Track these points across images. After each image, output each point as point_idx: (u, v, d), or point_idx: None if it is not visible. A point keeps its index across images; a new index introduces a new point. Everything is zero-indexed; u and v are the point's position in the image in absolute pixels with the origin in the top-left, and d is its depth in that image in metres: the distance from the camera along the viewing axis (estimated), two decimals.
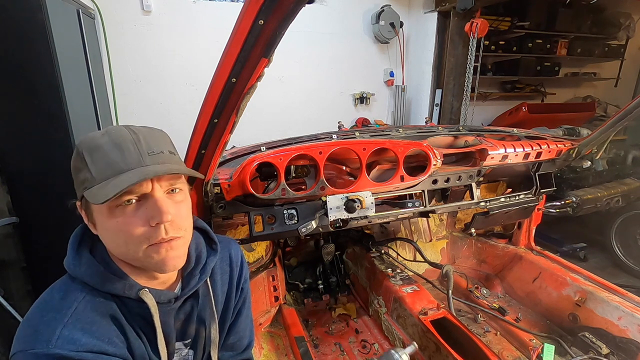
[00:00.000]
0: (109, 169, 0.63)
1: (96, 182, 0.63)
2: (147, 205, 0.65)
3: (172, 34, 3.37)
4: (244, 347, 1.01)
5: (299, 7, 0.64)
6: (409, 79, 4.29)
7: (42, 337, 0.60)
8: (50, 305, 0.65)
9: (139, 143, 0.66)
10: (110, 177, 0.62)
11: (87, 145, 0.65)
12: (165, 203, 0.66)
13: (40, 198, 2.11)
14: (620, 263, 3.12)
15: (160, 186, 0.67)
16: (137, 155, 0.65)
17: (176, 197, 0.70)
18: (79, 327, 0.63)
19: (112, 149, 0.64)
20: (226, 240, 0.96)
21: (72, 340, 0.61)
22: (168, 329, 0.77)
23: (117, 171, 0.63)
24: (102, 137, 0.65)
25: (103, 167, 0.63)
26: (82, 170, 0.64)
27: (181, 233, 0.70)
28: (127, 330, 0.69)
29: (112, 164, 0.63)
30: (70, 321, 0.62)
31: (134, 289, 0.70)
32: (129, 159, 0.64)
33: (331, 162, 1.54)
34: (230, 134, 0.93)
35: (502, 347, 1.78)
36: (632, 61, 4.95)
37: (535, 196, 1.96)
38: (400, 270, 2.01)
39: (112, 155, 0.63)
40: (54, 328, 0.61)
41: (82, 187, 0.65)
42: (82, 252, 0.70)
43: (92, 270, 0.68)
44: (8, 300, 1.92)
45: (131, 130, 0.68)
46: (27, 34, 1.93)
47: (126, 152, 0.64)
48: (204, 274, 0.83)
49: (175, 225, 0.68)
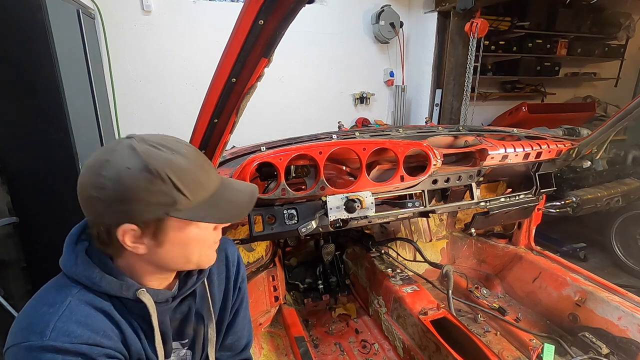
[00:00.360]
0: (203, 190, 0.68)
1: (192, 203, 0.65)
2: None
3: (172, 34, 3.37)
4: (242, 347, 1.01)
5: (299, 7, 0.64)
6: (409, 79, 4.29)
7: (36, 330, 0.60)
8: (45, 299, 0.65)
9: (209, 162, 0.73)
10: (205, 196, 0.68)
11: (171, 167, 0.63)
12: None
13: (40, 198, 2.11)
14: (620, 263, 3.12)
15: None
16: (214, 173, 0.72)
17: None
18: (73, 319, 0.62)
19: (198, 171, 0.67)
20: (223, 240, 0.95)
21: (67, 332, 0.60)
22: (165, 328, 0.77)
23: (209, 191, 0.69)
24: (180, 158, 0.65)
25: (196, 188, 0.66)
26: (166, 193, 0.63)
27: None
28: (122, 326, 0.69)
29: (205, 185, 0.68)
30: (65, 314, 0.62)
31: (132, 289, 0.69)
32: (212, 176, 0.71)
33: (331, 162, 1.54)
34: (230, 134, 0.93)
35: (502, 347, 1.78)
36: (632, 61, 4.95)
37: (535, 196, 1.96)
38: (400, 270, 2.01)
39: (200, 177, 0.68)
40: (48, 321, 0.61)
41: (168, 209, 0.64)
42: (79, 253, 0.69)
43: (89, 271, 0.67)
44: (8, 300, 1.92)
45: (192, 147, 0.71)
46: (27, 34, 1.93)
47: (208, 171, 0.70)
48: (202, 273, 0.83)
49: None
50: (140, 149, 0.62)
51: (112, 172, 0.61)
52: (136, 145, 0.63)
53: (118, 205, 0.62)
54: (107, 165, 0.62)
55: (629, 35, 4.61)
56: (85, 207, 0.66)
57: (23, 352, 0.59)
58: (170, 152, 0.64)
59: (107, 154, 0.63)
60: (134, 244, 0.66)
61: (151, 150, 0.63)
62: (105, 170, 0.61)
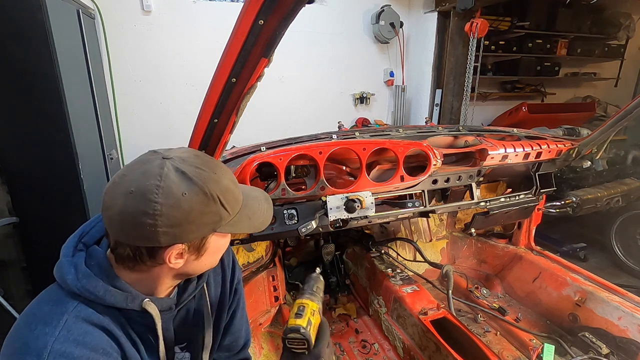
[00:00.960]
0: (237, 204, 0.72)
1: (231, 217, 0.69)
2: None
3: (172, 34, 3.37)
4: (241, 346, 1.01)
5: (299, 7, 0.64)
6: (409, 79, 4.29)
7: (32, 352, 0.57)
8: (39, 317, 0.62)
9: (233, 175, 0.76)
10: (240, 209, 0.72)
11: (219, 189, 0.67)
12: None
13: (40, 198, 2.11)
14: (620, 263, 3.12)
15: None
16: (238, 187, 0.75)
17: None
18: (71, 339, 0.60)
19: (234, 186, 0.72)
20: None
21: (65, 354, 0.58)
22: (169, 335, 0.77)
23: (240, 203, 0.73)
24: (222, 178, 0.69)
25: (234, 203, 0.70)
26: (214, 213, 0.66)
27: None
28: (121, 340, 0.68)
29: (238, 199, 0.72)
30: (62, 334, 0.60)
31: (137, 300, 0.68)
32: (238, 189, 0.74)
33: (331, 162, 1.54)
34: (230, 134, 0.93)
35: (502, 347, 1.78)
36: (632, 61, 4.95)
37: (535, 196, 1.96)
38: (400, 270, 2.01)
39: (235, 192, 0.72)
40: (45, 343, 0.58)
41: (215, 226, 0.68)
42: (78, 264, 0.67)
43: (92, 284, 0.65)
44: (8, 300, 1.92)
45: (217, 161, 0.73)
46: (27, 34, 1.93)
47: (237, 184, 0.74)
48: (202, 279, 0.83)
49: None
50: (189, 173, 0.64)
51: (169, 199, 0.60)
52: (182, 167, 0.63)
53: (173, 230, 0.62)
54: (160, 191, 0.60)
55: (629, 35, 4.61)
56: (127, 232, 0.62)
57: None
58: (212, 171, 0.67)
59: (153, 178, 0.61)
60: (176, 260, 0.67)
61: (199, 173, 0.65)
62: (159, 197, 0.60)
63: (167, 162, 0.63)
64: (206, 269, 0.77)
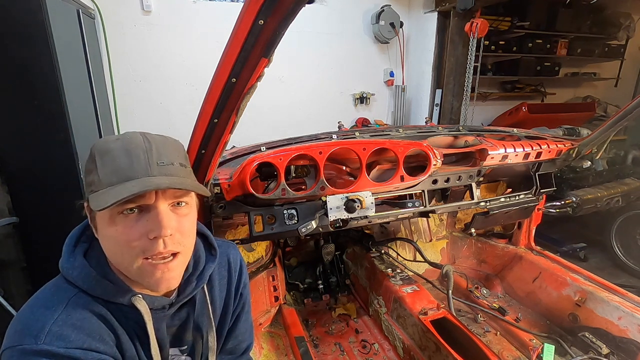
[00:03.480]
0: (115, 175, 0.62)
1: (102, 186, 0.62)
2: (148, 217, 0.64)
3: (172, 34, 3.37)
4: (243, 350, 1.00)
5: (299, 7, 0.64)
6: (409, 79, 4.29)
7: (30, 333, 0.59)
8: (41, 301, 0.65)
9: (150, 152, 0.65)
10: (115, 183, 0.62)
11: (100, 148, 0.64)
12: (167, 216, 0.65)
13: (40, 198, 2.11)
14: (620, 263, 3.12)
15: (164, 198, 0.65)
16: (146, 164, 0.64)
17: (180, 211, 0.69)
18: (69, 323, 0.62)
19: (121, 155, 0.63)
20: (225, 244, 0.94)
21: (62, 336, 0.60)
22: (161, 335, 0.76)
23: (123, 178, 0.62)
24: (115, 142, 0.65)
25: (109, 173, 0.62)
26: (92, 173, 0.64)
27: (180, 248, 0.68)
28: (118, 331, 0.68)
29: (119, 171, 0.62)
30: (61, 317, 0.62)
31: (127, 295, 0.68)
32: (136, 166, 0.63)
33: (331, 162, 1.54)
34: (230, 134, 0.92)
35: (502, 347, 1.78)
36: (632, 61, 4.95)
37: (535, 196, 1.96)
38: (400, 270, 2.01)
39: (120, 161, 0.63)
40: (43, 324, 0.60)
41: (89, 190, 0.64)
42: (77, 255, 0.69)
43: (85, 274, 0.66)
44: (8, 300, 1.92)
45: (145, 137, 0.67)
46: (27, 34, 1.93)
47: (135, 159, 0.63)
48: (201, 280, 0.80)
49: (176, 239, 0.67)
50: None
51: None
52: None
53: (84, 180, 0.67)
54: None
55: (629, 35, 4.61)
56: None
57: (17, 356, 0.58)
58: (117, 137, 0.66)
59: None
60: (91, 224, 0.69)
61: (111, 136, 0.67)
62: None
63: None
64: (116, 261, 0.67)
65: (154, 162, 0.64)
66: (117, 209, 0.62)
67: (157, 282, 0.66)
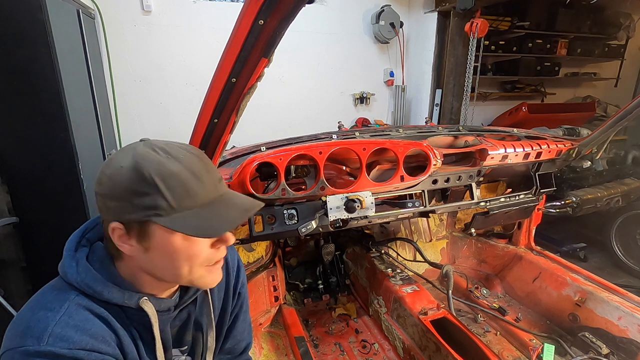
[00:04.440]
0: (190, 199, 0.63)
1: (175, 210, 0.62)
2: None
3: (172, 34, 3.37)
4: (242, 349, 1.00)
5: (299, 7, 0.64)
6: (409, 79, 4.29)
7: (33, 334, 0.58)
8: (42, 303, 0.64)
9: (210, 172, 0.67)
10: (193, 207, 0.63)
11: (158, 171, 0.61)
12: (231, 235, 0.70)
13: (40, 198, 2.11)
14: (620, 263, 3.12)
15: None
16: (213, 184, 0.67)
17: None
18: (71, 324, 0.61)
19: (190, 178, 0.63)
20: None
21: (65, 337, 0.59)
22: (166, 336, 0.76)
23: (199, 202, 0.64)
24: (173, 163, 0.63)
25: (183, 196, 0.62)
26: (149, 196, 0.61)
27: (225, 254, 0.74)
28: (120, 333, 0.68)
29: (193, 195, 0.63)
30: (63, 319, 0.61)
31: (135, 298, 0.69)
32: (208, 187, 0.65)
33: (331, 162, 1.54)
34: (230, 134, 0.93)
35: (502, 347, 1.78)
36: (632, 61, 4.95)
37: (535, 196, 1.96)
38: (400, 270, 2.01)
39: (191, 184, 0.63)
40: (46, 325, 0.60)
41: (149, 213, 0.62)
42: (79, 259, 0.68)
43: (90, 279, 0.66)
44: (8, 300, 1.92)
45: (194, 154, 0.67)
46: (27, 34, 1.93)
47: (204, 181, 0.65)
48: None
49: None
50: (139, 151, 0.63)
51: (109, 170, 0.63)
52: (138, 147, 0.64)
53: (109, 202, 0.63)
54: (108, 162, 0.64)
55: (629, 35, 4.61)
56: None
57: (19, 357, 0.57)
58: (167, 156, 0.63)
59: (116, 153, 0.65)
60: (120, 242, 0.66)
61: (148, 153, 0.62)
62: (106, 168, 0.64)
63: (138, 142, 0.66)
64: (166, 273, 0.69)
65: (216, 180, 0.69)
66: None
67: (214, 279, 0.73)
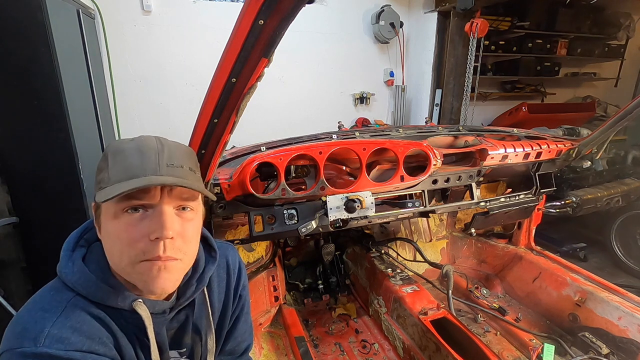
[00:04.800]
0: (125, 172, 0.63)
1: (111, 182, 0.63)
2: (151, 217, 0.64)
3: (172, 34, 3.37)
4: (243, 350, 1.00)
5: (299, 7, 0.64)
6: (409, 79, 4.29)
7: (30, 336, 0.59)
8: (40, 304, 0.64)
9: (162, 153, 0.66)
10: (124, 180, 0.62)
11: (114, 148, 0.66)
12: (170, 218, 0.65)
13: (40, 198, 2.11)
14: (620, 263, 3.12)
15: (170, 200, 0.66)
16: (155, 164, 0.65)
17: (185, 215, 0.69)
18: (68, 325, 0.61)
19: (133, 154, 0.65)
20: (224, 246, 0.93)
21: (61, 339, 0.60)
22: (161, 338, 0.75)
23: (131, 175, 0.63)
24: (129, 142, 0.67)
25: (120, 170, 0.64)
26: (103, 171, 0.65)
27: (180, 255, 0.67)
28: (117, 334, 0.68)
29: (129, 168, 0.64)
30: (60, 320, 0.61)
31: (128, 299, 0.68)
32: (146, 165, 0.64)
33: (331, 162, 1.54)
34: (230, 134, 0.92)
35: (502, 347, 1.78)
36: (632, 61, 4.95)
37: (535, 196, 1.96)
38: (400, 270, 2.01)
39: (131, 159, 0.64)
40: (42, 326, 0.60)
41: (98, 187, 0.65)
42: (75, 260, 0.68)
43: (84, 280, 0.66)
44: (8, 300, 1.92)
45: (159, 140, 0.69)
46: (27, 34, 1.93)
47: (146, 158, 0.65)
48: (201, 283, 0.80)
49: (177, 245, 0.66)
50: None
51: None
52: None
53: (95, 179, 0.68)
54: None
55: (629, 35, 4.61)
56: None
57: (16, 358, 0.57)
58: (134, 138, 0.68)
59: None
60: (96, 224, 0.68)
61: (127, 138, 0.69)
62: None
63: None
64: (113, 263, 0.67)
65: (164, 162, 0.66)
66: (122, 206, 0.63)
67: (154, 280, 0.65)
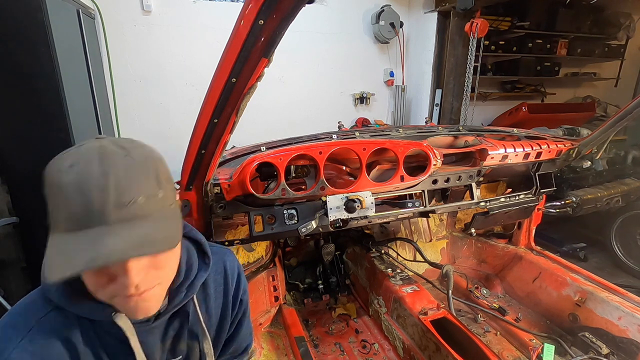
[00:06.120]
0: (68, 221, 0.54)
1: (57, 229, 0.56)
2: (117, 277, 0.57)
3: (172, 34, 3.37)
4: (242, 350, 1.00)
5: (299, 7, 0.64)
6: (409, 79, 4.29)
7: None
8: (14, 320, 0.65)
9: (107, 190, 0.53)
10: (71, 230, 0.54)
11: (51, 180, 0.55)
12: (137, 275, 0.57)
13: (40, 198, 2.08)
14: (620, 263, 3.12)
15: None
16: (101, 205, 0.52)
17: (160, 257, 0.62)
18: (30, 350, 0.62)
19: (73, 194, 0.53)
20: (221, 250, 0.90)
21: None
22: (151, 347, 0.73)
23: (75, 226, 0.53)
24: (67, 174, 0.54)
25: (63, 216, 0.55)
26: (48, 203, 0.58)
27: (157, 282, 0.63)
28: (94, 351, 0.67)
29: (72, 217, 0.53)
30: (24, 342, 0.62)
31: (105, 311, 0.65)
32: (91, 210, 0.52)
33: (331, 162, 1.54)
34: (230, 134, 0.93)
35: (502, 347, 1.78)
36: (632, 61, 4.95)
37: (535, 196, 1.96)
38: (400, 270, 2.01)
39: (72, 205, 0.53)
40: (4, 348, 0.61)
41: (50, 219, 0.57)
42: None
43: (61, 293, 0.64)
44: (8, 300, 1.92)
45: (102, 164, 0.54)
46: (27, 34, 1.93)
47: (89, 201, 0.52)
48: (191, 290, 0.76)
49: (150, 277, 0.60)
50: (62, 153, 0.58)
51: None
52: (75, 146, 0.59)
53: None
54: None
55: (629, 35, 4.61)
56: None
57: None
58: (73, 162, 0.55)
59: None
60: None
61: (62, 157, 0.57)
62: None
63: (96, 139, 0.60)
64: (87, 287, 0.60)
65: (110, 205, 0.53)
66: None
67: (132, 311, 0.62)
